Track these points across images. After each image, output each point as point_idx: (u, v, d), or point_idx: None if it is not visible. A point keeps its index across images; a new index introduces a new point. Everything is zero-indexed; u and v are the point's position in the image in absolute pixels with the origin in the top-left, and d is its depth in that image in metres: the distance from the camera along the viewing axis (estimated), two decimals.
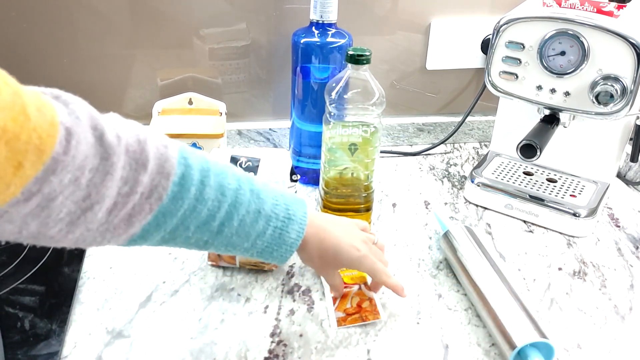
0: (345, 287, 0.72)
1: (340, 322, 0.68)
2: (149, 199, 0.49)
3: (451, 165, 1.07)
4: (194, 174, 0.52)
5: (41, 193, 0.42)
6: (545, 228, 0.89)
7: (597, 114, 0.81)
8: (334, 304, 0.70)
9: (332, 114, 0.72)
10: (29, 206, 0.42)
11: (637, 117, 0.87)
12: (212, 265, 0.77)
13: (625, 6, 0.79)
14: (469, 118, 1.10)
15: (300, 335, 0.66)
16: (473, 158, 1.10)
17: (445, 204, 0.95)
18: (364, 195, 0.77)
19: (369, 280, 0.73)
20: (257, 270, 0.76)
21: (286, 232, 0.60)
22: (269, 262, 0.62)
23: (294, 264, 0.78)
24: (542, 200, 0.89)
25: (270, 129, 1.06)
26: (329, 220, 0.66)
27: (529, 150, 0.79)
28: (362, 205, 0.77)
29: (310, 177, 0.96)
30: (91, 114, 0.45)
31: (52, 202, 0.43)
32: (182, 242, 0.55)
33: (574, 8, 0.80)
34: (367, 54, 0.70)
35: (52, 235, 0.45)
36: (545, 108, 0.86)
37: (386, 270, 0.67)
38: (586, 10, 0.80)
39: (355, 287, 0.72)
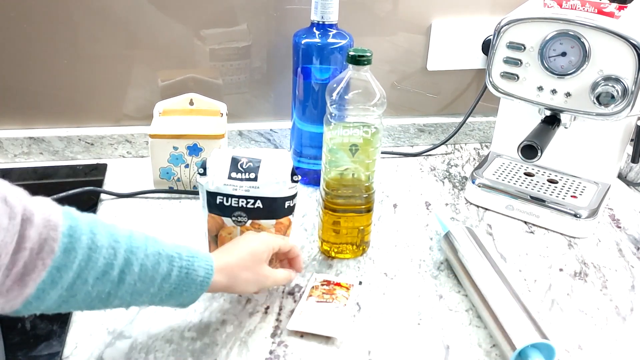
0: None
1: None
2: (40, 254, 0.48)
3: (452, 166, 1.07)
4: (82, 225, 0.51)
5: None
6: (546, 229, 0.89)
7: (598, 114, 0.81)
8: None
9: (333, 114, 0.72)
10: None
11: (638, 118, 0.87)
12: None
13: (626, 7, 0.80)
14: (470, 119, 1.10)
15: (301, 336, 0.66)
16: (474, 159, 1.10)
17: (446, 204, 0.95)
18: (365, 196, 0.77)
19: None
20: None
21: (193, 270, 0.58)
22: (178, 305, 0.60)
23: None
24: (543, 201, 0.89)
25: (271, 130, 1.06)
26: (229, 244, 0.68)
27: (530, 151, 0.79)
28: (363, 206, 0.77)
29: (311, 178, 0.96)
30: None
31: None
32: (82, 300, 0.52)
33: (575, 9, 0.80)
34: (368, 54, 0.70)
35: None
36: (546, 109, 0.86)
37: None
38: (587, 11, 0.80)
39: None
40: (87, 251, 0.51)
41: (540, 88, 0.83)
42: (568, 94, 0.82)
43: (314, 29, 0.90)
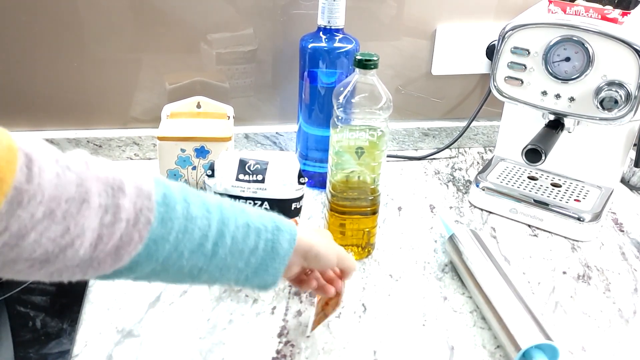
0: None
1: (314, 325, 0.67)
2: (136, 225, 0.44)
3: (456, 169, 1.08)
4: (175, 193, 0.48)
5: (8, 231, 0.37)
6: (549, 232, 0.90)
7: (601, 119, 0.82)
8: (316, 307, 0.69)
9: (339, 117, 0.73)
10: None
11: None
12: None
13: (629, 13, 0.80)
14: (474, 123, 1.11)
15: (307, 336, 0.67)
16: (478, 163, 1.11)
17: (450, 207, 0.95)
18: (370, 198, 0.77)
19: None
20: None
21: (278, 243, 0.55)
22: (261, 286, 0.56)
23: None
24: (547, 204, 0.90)
25: (277, 133, 1.07)
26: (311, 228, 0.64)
27: (533, 154, 0.80)
28: (369, 209, 0.78)
29: (316, 181, 0.97)
30: (51, 147, 0.42)
31: (22, 240, 0.38)
32: (174, 273, 0.49)
33: (579, 15, 0.81)
34: (375, 59, 0.71)
35: (20, 269, 0.41)
36: (550, 113, 0.86)
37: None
38: (591, 17, 0.80)
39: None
40: (184, 221, 0.47)
41: (544, 93, 0.84)
42: (572, 99, 0.83)
43: (321, 33, 0.91)
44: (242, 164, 0.73)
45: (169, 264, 0.48)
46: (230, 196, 0.72)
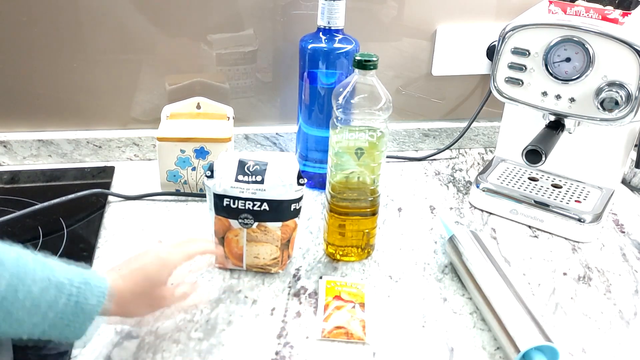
0: (340, 300, 0.72)
1: (326, 333, 0.67)
2: None
3: (456, 170, 1.08)
4: None
5: None
6: (550, 233, 0.90)
7: (602, 120, 0.81)
8: (324, 313, 0.70)
9: (339, 118, 0.73)
10: None
11: None
12: (220, 268, 0.77)
13: (630, 13, 0.80)
14: (474, 124, 1.11)
15: (307, 337, 0.67)
16: (478, 163, 1.11)
17: (451, 208, 0.95)
18: (370, 199, 0.77)
19: (367, 301, 0.73)
20: (263, 272, 0.77)
21: (84, 298, 0.52)
22: (62, 339, 0.54)
23: (300, 267, 0.79)
24: (547, 205, 0.90)
25: (277, 134, 1.07)
26: (131, 259, 0.62)
27: (534, 155, 0.80)
28: (369, 209, 0.78)
29: (316, 182, 0.97)
30: None
31: None
32: None
33: (579, 15, 0.81)
34: (374, 59, 0.71)
35: None
36: (550, 114, 0.86)
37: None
38: (591, 17, 0.80)
39: (350, 305, 0.71)
40: None
41: (544, 93, 0.84)
42: (572, 100, 0.82)
43: (320, 34, 0.90)
44: (242, 164, 0.72)
45: None
46: (230, 197, 0.72)
